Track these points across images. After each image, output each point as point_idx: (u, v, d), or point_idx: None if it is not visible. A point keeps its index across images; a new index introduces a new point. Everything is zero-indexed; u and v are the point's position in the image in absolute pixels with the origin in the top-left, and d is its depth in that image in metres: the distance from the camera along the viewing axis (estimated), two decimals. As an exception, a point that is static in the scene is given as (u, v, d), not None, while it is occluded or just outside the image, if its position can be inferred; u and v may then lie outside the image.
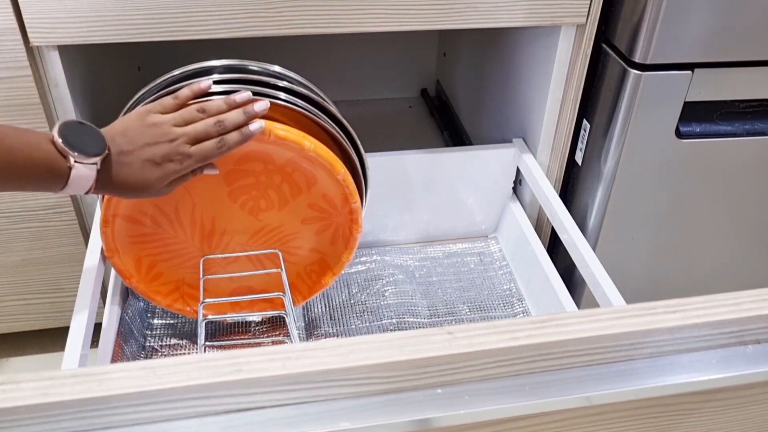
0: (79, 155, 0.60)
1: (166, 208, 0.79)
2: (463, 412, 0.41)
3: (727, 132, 0.90)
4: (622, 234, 0.98)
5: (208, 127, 0.66)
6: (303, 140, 0.71)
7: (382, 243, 1.07)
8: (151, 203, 0.78)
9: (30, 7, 0.73)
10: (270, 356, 0.39)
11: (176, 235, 0.82)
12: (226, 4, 0.76)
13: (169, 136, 0.65)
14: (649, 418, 0.49)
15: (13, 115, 0.81)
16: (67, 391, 0.37)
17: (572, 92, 0.91)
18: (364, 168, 0.82)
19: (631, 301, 0.60)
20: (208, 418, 0.39)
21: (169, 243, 0.82)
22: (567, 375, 0.43)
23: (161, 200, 0.78)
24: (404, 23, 0.81)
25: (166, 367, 0.38)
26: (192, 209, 0.80)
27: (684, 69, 0.84)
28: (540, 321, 0.43)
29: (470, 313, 0.97)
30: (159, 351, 0.89)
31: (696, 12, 0.79)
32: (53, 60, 0.78)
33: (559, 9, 0.83)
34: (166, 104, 0.67)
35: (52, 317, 1.02)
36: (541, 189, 0.95)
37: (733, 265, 1.05)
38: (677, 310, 0.44)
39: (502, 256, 1.07)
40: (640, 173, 0.92)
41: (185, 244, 0.83)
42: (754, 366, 0.45)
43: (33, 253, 0.95)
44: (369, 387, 0.41)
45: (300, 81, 0.78)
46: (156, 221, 0.80)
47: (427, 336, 0.41)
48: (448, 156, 1.00)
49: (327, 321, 0.95)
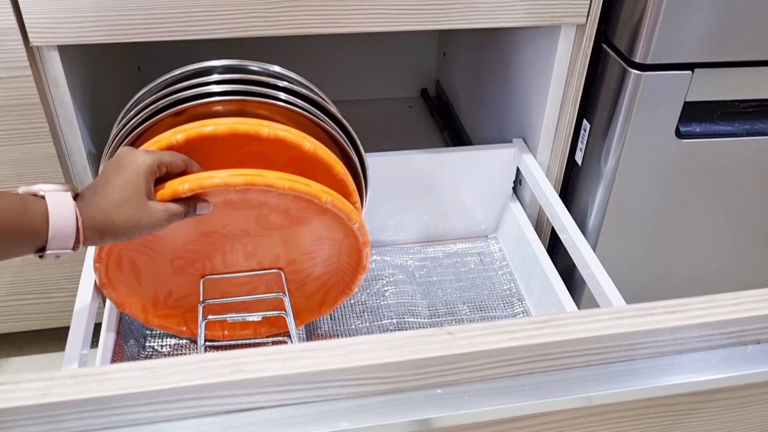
0: (47, 185, 0.57)
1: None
2: (463, 412, 0.41)
3: (727, 132, 0.90)
4: (622, 234, 0.98)
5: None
6: (303, 140, 0.71)
7: (382, 243, 1.07)
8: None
9: (30, 7, 0.73)
10: (270, 356, 0.39)
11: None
12: (226, 4, 0.76)
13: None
14: (649, 418, 0.49)
15: (13, 115, 0.81)
16: (67, 391, 0.37)
17: (572, 92, 0.91)
18: (364, 168, 0.82)
19: (631, 301, 0.60)
20: (208, 418, 0.39)
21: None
22: (567, 375, 0.43)
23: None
24: (404, 23, 0.81)
25: (166, 367, 0.38)
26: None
27: (684, 69, 0.84)
28: (540, 321, 0.43)
29: (470, 313, 0.97)
30: (159, 351, 0.89)
31: (696, 12, 0.79)
32: (53, 60, 0.78)
33: (559, 9, 0.83)
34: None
35: (52, 317, 1.02)
36: (541, 189, 0.95)
37: (733, 265, 1.05)
38: (677, 310, 0.44)
39: (502, 256, 1.07)
40: (640, 173, 0.92)
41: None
42: (754, 366, 0.45)
43: (33, 253, 0.95)
44: (369, 387, 0.41)
45: (300, 81, 0.78)
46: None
47: (427, 336, 0.41)
48: (448, 156, 1.00)
49: (327, 321, 0.95)
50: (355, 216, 0.74)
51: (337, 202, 0.72)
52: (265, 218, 0.77)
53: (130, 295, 0.80)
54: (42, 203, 0.57)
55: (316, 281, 0.87)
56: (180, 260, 0.80)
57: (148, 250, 0.77)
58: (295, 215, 0.77)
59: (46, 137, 0.83)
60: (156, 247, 0.77)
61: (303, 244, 0.82)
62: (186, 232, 0.77)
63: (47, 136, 0.83)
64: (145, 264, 0.78)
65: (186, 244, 0.78)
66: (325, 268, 0.85)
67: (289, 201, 0.73)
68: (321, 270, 0.86)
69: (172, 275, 0.81)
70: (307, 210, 0.75)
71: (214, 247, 0.80)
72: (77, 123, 0.84)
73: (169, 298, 0.84)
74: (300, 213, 0.76)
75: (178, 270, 0.81)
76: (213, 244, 0.79)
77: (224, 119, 0.70)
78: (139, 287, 0.80)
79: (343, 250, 0.82)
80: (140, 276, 0.79)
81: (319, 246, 0.82)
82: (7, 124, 0.81)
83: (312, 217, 0.77)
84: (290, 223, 0.78)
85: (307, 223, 0.78)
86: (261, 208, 0.75)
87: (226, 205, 0.73)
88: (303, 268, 0.85)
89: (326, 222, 0.78)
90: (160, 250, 0.78)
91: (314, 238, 0.81)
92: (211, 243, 0.79)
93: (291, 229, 0.79)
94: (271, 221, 0.77)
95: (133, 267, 0.77)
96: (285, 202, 0.74)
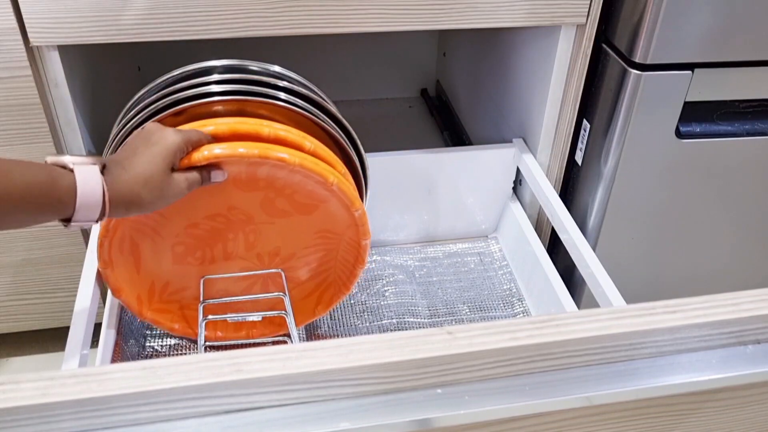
0: (75, 157, 0.58)
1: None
2: (463, 412, 0.41)
3: (727, 132, 0.90)
4: (622, 234, 0.98)
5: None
6: (303, 140, 0.71)
7: (382, 243, 1.07)
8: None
9: (30, 7, 0.73)
10: (270, 356, 0.39)
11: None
12: (226, 4, 0.76)
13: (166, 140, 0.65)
14: (649, 418, 0.49)
15: (13, 115, 0.81)
16: (67, 391, 0.37)
17: (572, 92, 0.91)
18: (364, 168, 0.82)
19: (631, 301, 0.60)
20: (208, 418, 0.39)
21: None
22: (567, 375, 0.43)
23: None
24: (404, 23, 0.81)
25: (166, 367, 0.38)
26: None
27: (684, 69, 0.84)
28: (540, 321, 0.43)
29: (470, 313, 0.97)
30: (159, 351, 0.89)
31: (696, 12, 0.79)
32: (53, 60, 0.78)
33: (559, 9, 0.83)
34: None
35: (52, 317, 1.02)
36: (541, 189, 0.95)
37: (733, 265, 1.05)
38: (677, 310, 0.44)
39: (502, 256, 1.07)
40: (640, 173, 0.92)
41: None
42: (754, 366, 0.45)
43: (33, 253, 0.95)
44: (369, 387, 0.41)
45: (300, 81, 0.78)
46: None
47: (427, 336, 0.41)
48: (448, 156, 1.00)
49: (327, 321, 0.95)
50: (358, 203, 0.75)
51: (342, 185, 0.73)
52: (270, 203, 0.77)
53: (128, 281, 0.79)
54: (70, 177, 0.57)
55: (314, 280, 0.87)
56: (181, 246, 0.80)
57: (152, 231, 0.77)
58: (300, 201, 0.77)
59: (46, 137, 0.83)
60: (160, 229, 0.77)
61: (303, 238, 0.82)
62: (192, 214, 0.77)
63: (47, 136, 0.83)
64: (146, 248, 0.78)
65: (189, 227, 0.78)
66: (323, 264, 0.85)
67: (297, 182, 0.74)
68: (319, 267, 0.86)
69: (171, 263, 0.81)
70: (312, 196, 0.76)
71: (217, 234, 0.80)
72: (77, 123, 0.84)
73: (165, 290, 0.83)
74: (305, 199, 0.77)
75: (178, 257, 0.81)
76: (216, 230, 0.79)
77: (224, 119, 0.70)
78: (137, 275, 0.80)
79: (342, 245, 0.82)
80: (140, 262, 0.79)
81: (319, 240, 0.82)
82: (7, 124, 0.81)
83: (316, 204, 0.77)
84: (294, 210, 0.78)
85: (311, 212, 0.79)
86: (267, 191, 0.75)
87: (234, 185, 0.73)
88: (301, 264, 0.85)
89: (329, 211, 0.78)
90: (164, 233, 0.78)
91: (315, 230, 0.81)
92: (215, 229, 0.79)
93: (294, 218, 0.79)
94: (276, 207, 0.78)
95: (134, 250, 0.78)
96: (292, 184, 0.74)
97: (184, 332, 0.86)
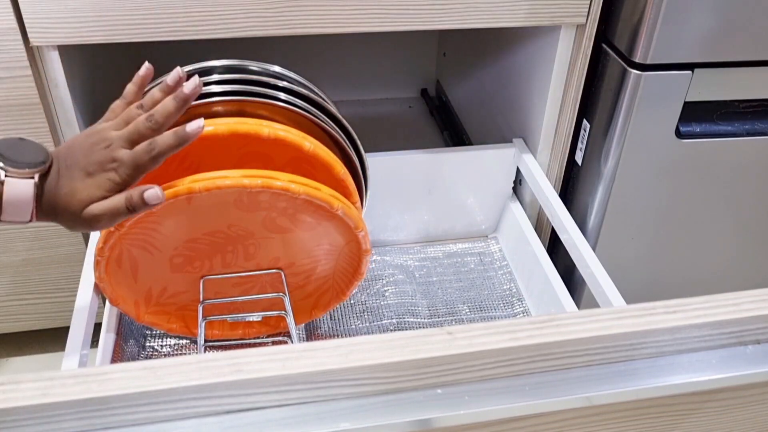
0: (12, 166, 0.53)
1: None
2: (463, 412, 0.41)
3: (727, 132, 0.90)
4: (622, 234, 0.98)
5: (139, 125, 0.56)
6: (303, 140, 0.71)
7: (382, 243, 1.07)
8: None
9: (30, 7, 0.73)
10: (270, 356, 0.39)
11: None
12: (226, 4, 0.76)
13: (105, 141, 0.56)
14: (649, 418, 0.49)
15: (13, 115, 0.81)
16: (67, 392, 0.37)
17: (572, 92, 0.91)
18: (364, 168, 0.82)
19: (631, 301, 0.60)
20: (208, 418, 0.39)
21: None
22: (567, 375, 0.43)
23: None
24: (404, 23, 0.81)
25: (166, 367, 0.38)
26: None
27: (684, 69, 0.84)
28: (540, 321, 0.43)
29: (470, 313, 0.97)
30: (159, 351, 0.89)
31: (696, 12, 0.79)
32: (53, 60, 0.78)
33: (559, 9, 0.83)
34: (114, 107, 0.59)
35: (52, 317, 1.02)
36: (541, 189, 0.95)
37: (733, 265, 1.05)
38: (677, 310, 0.44)
39: (502, 256, 1.07)
40: (640, 173, 0.92)
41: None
42: (754, 366, 0.45)
43: (33, 253, 0.95)
44: (369, 387, 0.41)
45: (300, 81, 0.78)
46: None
47: (427, 336, 0.41)
48: (448, 156, 1.00)
49: (327, 321, 0.95)
50: (361, 224, 0.75)
51: (347, 210, 0.73)
52: (271, 221, 0.77)
53: (125, 291, 0.79)
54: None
55: (311, 285, 0.87)
56: (179, 258, 0.80)
57: (150, 247, 0.77)
58: (302, 220, 0.77)
59: (46, 137, 0.83)
60: (158, 244, 0.77)
61: (304, 248, 0.82)
62: (192, 230, 0.77)
63: (47, 136, 0.83)
64: (144, 260, 0.78)
65: (188, 242, 0.78)
66: (322, 272, 0.85)
67: (300, 205, 0.73)
68: (317, 274, 0.86)
69: (169, 272, 0.81)
70: (315, 215, 0.76)
71: (216, 247, 0.80)
72: (77, 123, 0.84)
73: (163, 294, 0.83)
74: (307, 218, 0.76)
75: (176, 267, 0.81)
76: (215, 244, 0.79)
77: (224, 119, 0.70)
78: (135, 283, 0.80)
79: (342, 256, 0.83)
80: (137, 272, 0.79)
81: (319, 250, 0.82)
82: (7, 124, 0.81)
83: (318, 222, 0.77)
84: (296, 227, 0.78)
85: (312, 228, 0.78)
86: (269, 211, 0.75)
87: (236, 206, 0.73)
88: (300, 271, 0.85)
89: (331, 227, 0.78)
90: (162, 247, 0.78)
91: (316, 243, 0.81)
92: (214, 243, 0.79)
93: (295, 233, 0.79)
94: (277, 224, 0.77)
95: (131, 263, 0.78)
96: (294, 206, 0.74)
97: (181, 331, 0.87)
